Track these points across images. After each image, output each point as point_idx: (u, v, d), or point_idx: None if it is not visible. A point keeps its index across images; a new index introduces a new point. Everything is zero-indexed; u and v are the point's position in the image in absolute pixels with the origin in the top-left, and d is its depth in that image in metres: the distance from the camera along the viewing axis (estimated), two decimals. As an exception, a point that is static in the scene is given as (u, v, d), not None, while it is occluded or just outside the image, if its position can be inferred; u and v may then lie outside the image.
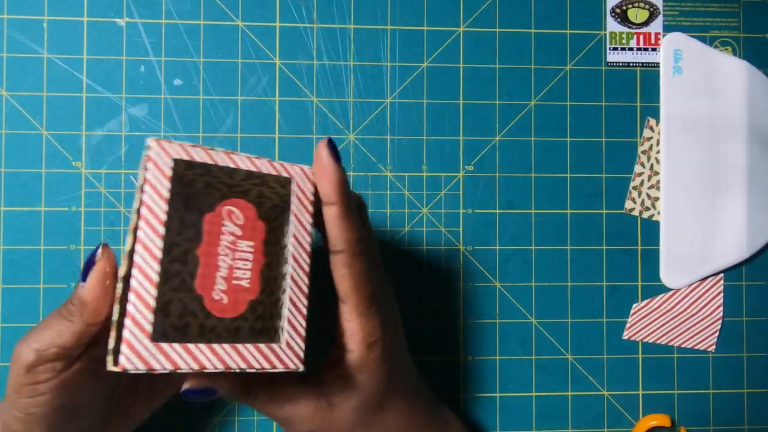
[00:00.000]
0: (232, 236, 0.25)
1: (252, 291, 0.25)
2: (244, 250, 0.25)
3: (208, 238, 0.25)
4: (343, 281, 0.27)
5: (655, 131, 0.39)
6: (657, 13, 0.40)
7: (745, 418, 0.39)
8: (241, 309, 0.25)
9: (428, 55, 0.39)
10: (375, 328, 0.28)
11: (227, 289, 0.25)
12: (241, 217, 0.25)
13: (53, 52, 0.37)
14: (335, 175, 0.26)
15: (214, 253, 0.25)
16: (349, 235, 0.26)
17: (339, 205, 0.26)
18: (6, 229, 0.36)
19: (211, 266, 0.24)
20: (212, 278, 0.24)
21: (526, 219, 0.39)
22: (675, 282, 0.39)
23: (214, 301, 0.24)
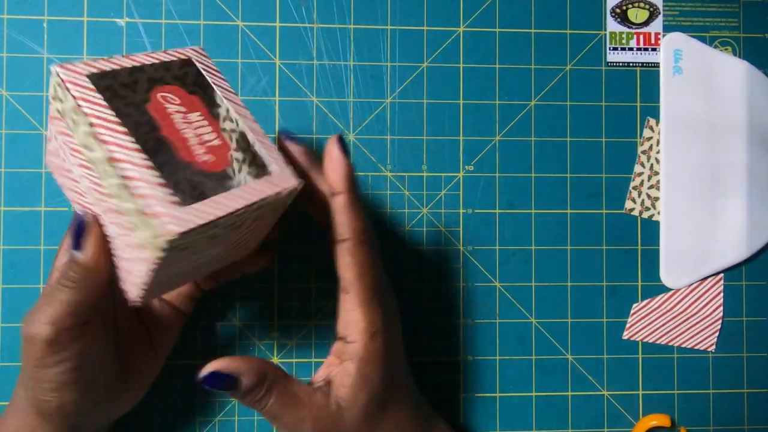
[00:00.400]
0: (179, 114, 0.26)
1: (225, 146, 0.26)
2: (197, 120, 0.26)
3: (162, 122, 0.26)
4: (347, 270, 0.27)
5: (655, 131, 0.39)
6: (657, 13, 0.40)
7: (745, 418, 0.39)
8: (227, 160, 0.26)
9: (428, 55, 0.39)
10: (377, 319, 0.28)
11: (207, 150, 0.26)
12: (175, 97, 0.27)
13: (53, 52, 0.37)
14: (344, 167, 0.27)
15: (175, 131, 0.26)
16: (355, 224, 0.27)
17: (347, 195, 0.27)
18: (6, 229, 0.36)
19: (181, 140, 0.25)
20: (188, 148, 0.25)
21: (526, 219, 0.39)
22: (675, 282, 0.39)
23: (204, 162, 0.25)
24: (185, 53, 0.28)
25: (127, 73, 0.27)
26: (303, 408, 0.27)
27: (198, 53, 0.28)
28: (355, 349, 0.28)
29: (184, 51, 0.28)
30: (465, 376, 0.38)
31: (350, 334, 0.28)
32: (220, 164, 0.26)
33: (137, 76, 0.27)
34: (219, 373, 0.26)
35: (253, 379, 0.27)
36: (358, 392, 0.28)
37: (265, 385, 0.27)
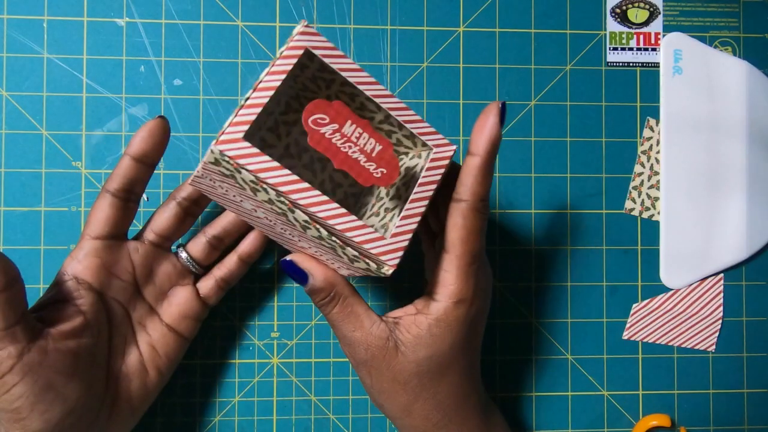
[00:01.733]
0: (336, 134, 0.25)
1: (387, 147, 0.26)
2: (354, 131, 0.25)
3: (332, 155, 0.25)
4: (454, 230, 0.27)
5: (655, 131, 0.39)
6: (657, 13, 0.40)
7: (745, 418, 0.39)
8: (396, 164, 0.26)
9: (428, 55, 0.39)
10: (469, 287, 0.28)
11: (376, 161, 0.25)
12: (323, 115, 0.25)
13: (53, 52, 0.37)
14: (493, 133, 0.26)
15: (347, 158, 0.25)
16: (477, 189, 0.27)
17: (483, 159, 0.27)
18: (6, 229, 0.36)
19: (356, 166, 0.25)
20: (364, 171, 0.25)
21: (526, 219, 0.39)
22: (675, 282, 0.39)
23: (380, 178, 0.25)
24: (299, 45, 0.25)
25: (266, 112, 0.26)
26: (361, 329, 0.28)
27: (308, 35, 0.25)
28: (436, 308, 0.28)
29: (296, 42, 0.25)
30: (465, 376, 0.38)
31: (438, 292, 0.28)
32: (392, 174, 0.25)
33: (273, 109, 0.27)
34: (294, 265, 0.28)
35: (320, 282, 0.28)
36: (420, 345, 0.28)
37: (332, 293, 0.28)
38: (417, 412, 0.29)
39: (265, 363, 0.37)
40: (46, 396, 0.26)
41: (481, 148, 0.26)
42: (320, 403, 0.37)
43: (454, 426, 0.30)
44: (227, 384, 0.37)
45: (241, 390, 0.37)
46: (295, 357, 0.37)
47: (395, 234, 0.25)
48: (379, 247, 0.25)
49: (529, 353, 0.39)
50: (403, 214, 0.26)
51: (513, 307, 0.39)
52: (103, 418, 0.30)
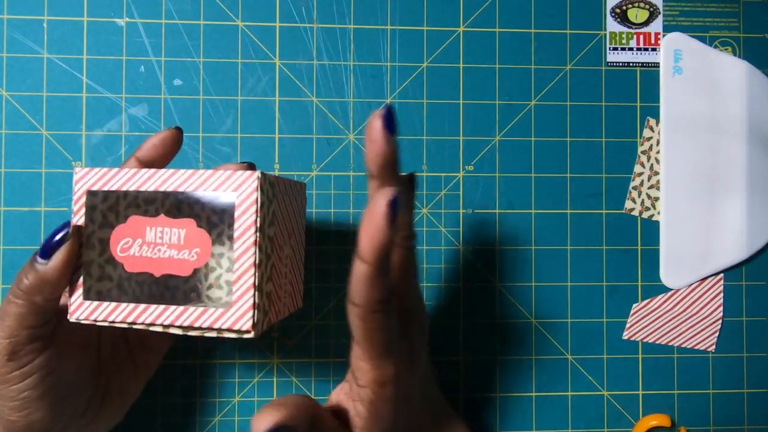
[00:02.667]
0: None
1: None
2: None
3: None
4: (356, 330, 0.25)
5: (655, 131, 0.39)
6: (657, 13, 0.40)
7: (745, 418, 0.39)
8: (209, 245, 0.26)
9: (428, 55, 0.39)
10: (389, 372, 0.26)
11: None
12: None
13: (53, 52, 0.37)
14: (380, 237, 0.22)
15: None
16: (371, 295, 0.24)
17: (371, 266, 0.23)
18: (6, 229, 0.36)
19: None
20: None
21: (526, 219, 0.39)
22: (675, 282, 0.39)
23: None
24: (81, 192, 0.27)
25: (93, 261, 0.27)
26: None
27: (83, 178, 0.27)
28: (366, 394, 0.27)
29: (79, 191, 0.27)
30: (465, 376, 0.38)
31: (360, 378, 0.26)
32: (206, 248, 0.26)
33: (95, 255, 0.27)
34: (281, 428, 0.24)
35: (306, 424, 0.25)
36: (372, 428, 0.27)
37: (310, 422, 0.26)
38: None
39: (265, 363, 0.37)
40: (54, 389, 0.27)
41: (368, 254, 0.22)
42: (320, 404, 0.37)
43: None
44: (227, 384, 0.37)
45: (241, 390, 0.37)
46: (296, 357, 0.37)
47: (235, 301, 0.25)
48: (228, 320, 0.25)
49: (529, 353, 0.39)
50: (234, 278, 0.25)
51: (513, 307, 0.39)
52: (93, 409, 0.30)
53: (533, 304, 0.39)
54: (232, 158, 0.37)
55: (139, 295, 0.26)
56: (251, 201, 0.25)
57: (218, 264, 0.26)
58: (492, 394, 0.38)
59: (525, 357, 0.39)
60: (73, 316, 0.26)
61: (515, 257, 0.39)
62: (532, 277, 0.39)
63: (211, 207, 0.27)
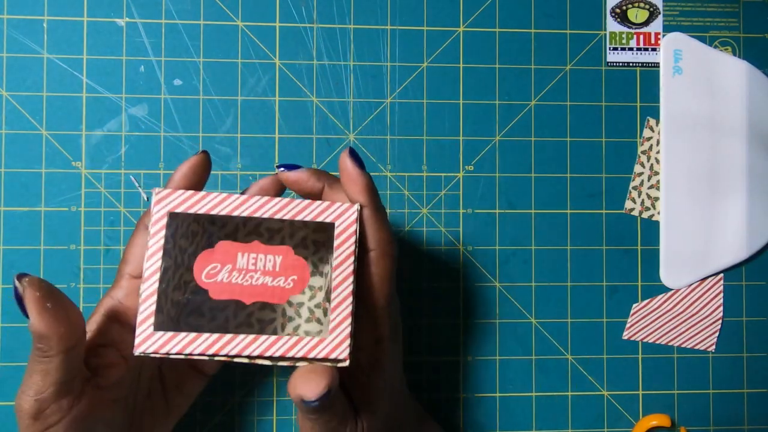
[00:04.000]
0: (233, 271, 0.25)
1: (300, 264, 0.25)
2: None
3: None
4: (366, 278, 0.27)
5: (655, 131, 0.39)
6: (657, 13, 0.40)
7: (745, 418, 0.39)
8: (307, 275, 0.25)
9: (428, 55, 0.39)
10: (385, 327, 0.28)
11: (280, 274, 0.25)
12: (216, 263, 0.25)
13: (53, 52, 0.37)
14: (362, 180, 0.27)
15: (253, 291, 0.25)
16: (379, 235, 0.27)
17: (370, 207, 0.27)
18: (6, 229, 0.36)
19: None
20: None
21: (526, 219, 0.39)
22: (675, 282, 0.39)
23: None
24: (160, 215, 0.25)
25: (170, 283, 0.26)
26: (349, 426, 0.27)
27: (165, 200, 0.25)
28: (363, 359, 0.28)
29: (157, 214, 0.25)
30: (465, 376, 0.38)
31: (359, 340, 0.28)
32: (304, 276, 0.25)
33: (176, 275, 0.27)
34: (329, 393, 0.25)
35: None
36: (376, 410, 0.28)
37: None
38: None
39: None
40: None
41: (361, 197, 0.26)
42: (320, 403, 0.37)
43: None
44: (227, 384, 0.37)
45: (241, 390, 0.37)
46: (295, 357, 0.37)
47: (333, 329, 0.24)
48: (323, 350, 0.24)
49: (529, 353, 0.39)
50: (332, 306, 0.25)
51: (513, 307, 0.39)
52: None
53: (533, 304, 0.39)
54: (232, 158, 0.37)
55: (224, 324, 0.25)
56: (351, 231, 0.25)
57: (313, 293, 0.26)
58: (492, 394, 0.38)
59: (525, 357, 0.39)
60: (138, 348, 0.24)
61: (516, 258, 0.39)
62: (532, 277, 0.39)
63: (309, 235, 0.26)
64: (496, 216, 0.39)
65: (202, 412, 0.37)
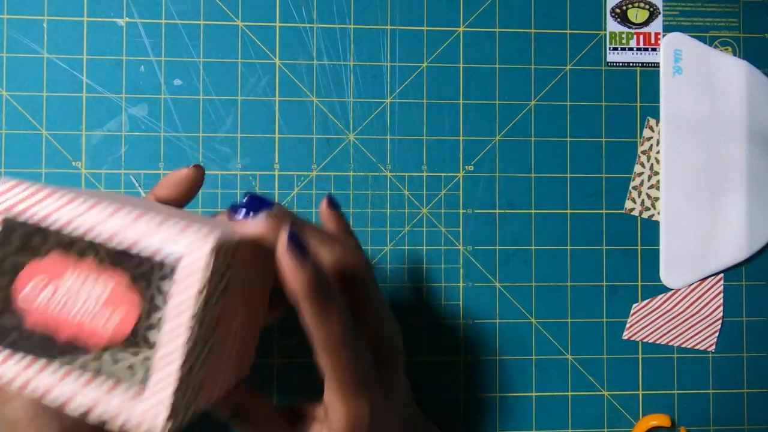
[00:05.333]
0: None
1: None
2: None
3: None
4: (326, 369, 0.24)
5: (655, 131, 0.39)
6: (657, 13, 0.40)
7: (745, 418, 0.39)
8: (134, 314, 0.20)
9: (428, 55, 0.39)
10: (364, 413, 0.25)
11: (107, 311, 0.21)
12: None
13: (53, 52, 0.37)
14: (299, 279, 0.21)
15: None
16: (327, 330, 0.23)
17: (311, 303, 0.22)
18: (6, 229, 0.36)
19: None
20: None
21: (526, 219, 0.39)
22: (675, 282, 0.39)
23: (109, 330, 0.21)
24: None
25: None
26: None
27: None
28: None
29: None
30: (465, 376, 0.38)
31: (332, 418, 0.25)
32: (130, 316, 0.20)
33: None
34: None
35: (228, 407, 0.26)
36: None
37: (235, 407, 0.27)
38: None
39: (265, 363, 0.37)
40: (45, 411, 0.25)
41: (302, 295, 0.22)
42: (320, 403, 0.37)
43: None
44: (227, 384, 0.37)
45: (241, 390, 0.37)
46: (295, 357, 0.37)
47: (150, 395, 0.19)
48: (133, 415, 0.19)
49: (529, 353, 0.39)
50: (156, 363, 0.19)
51: (513, 307, 0.39)
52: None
53: (533, 304, 0.39)
54: (232, 158, 0.37)
55: (37, 353, 0.20)
56: (197, 269, 0.19)
57: (140, 338, 0.22)
58: (492, 394, 0.38)
59: (525, 357, 0.39)
60: None
61: (516, 258, 0.39)
62: (532, 277, 0.39)
63: (150, 264, 0.22)
64: (496, 216, 0.39)
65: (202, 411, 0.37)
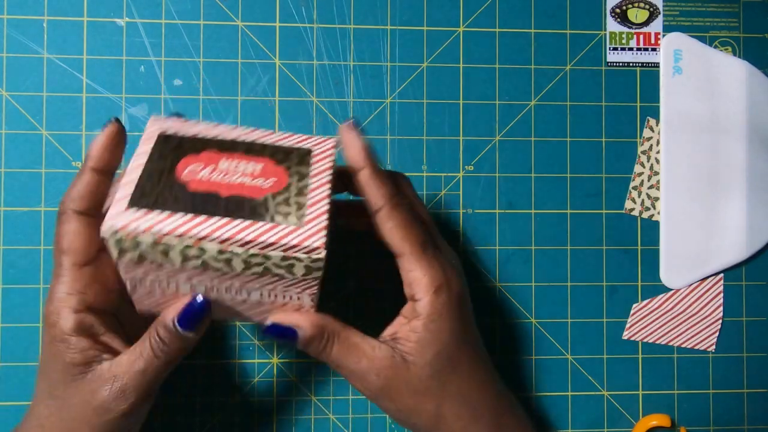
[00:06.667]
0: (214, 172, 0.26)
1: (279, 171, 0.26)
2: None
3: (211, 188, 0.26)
4: (392, 234, 0.28)
5: (655, 131, 0.39)
6: (657, 13, 0.40)
7: (745, 418, 0.39)
8: (285, 178, 0.26)
9: (428, 55, 0.39)
10: (438, 272, 0.28)
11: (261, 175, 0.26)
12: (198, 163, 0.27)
13: (53, 52, 0.37)
14: (360, 142, 0.28)
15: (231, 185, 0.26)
16: (384, 190, 0.28)
17: (368, 168, 0.28)
18: (6, 229, 0.36)
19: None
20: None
21: (526, 219, 0.39)
22: (675, 282, 0.39)
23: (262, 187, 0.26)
24: (152, 131, 0.27)
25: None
26: (365, 358, 0.28)
27: (159, 122, 0.27)
28: (422, 306, 0.28)
29: (150, 132, 0.27)
30: (465, 376, 0.38)
31: (416, 292, 0.28)
32: (282, 179, 0.26)
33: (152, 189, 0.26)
34: (278, 325, 0.27)
35: (310, 330, 0.27)
36: (425, 347, 0.28)
37: (325, 336, 0.28)
38: (447, 415, 0.29)
39: (265, 363, 0.37)
40: None
41: (360, 159, 0.28)
42: (320, 403, 0.37)
43: (485, 418, 0.30)
44: (227, 384, 0.37)
45: (241, 390, 0.37)
46: (295, 357, 0.37)
47: (309, 221, 0.25)
48: (299, 236, 0.24)
49: (529, 353, 0.39)
50: (309, 203, 0.25)
51: (513, 307, 0.39)
52: None
53: (533, 304, 0.39)
54: (232, 158, 0.37)
55: (199, 208, 0.25)
56: (329, 153, 0.28)
57: (290, 193, 0.26)
58: (492, 394, 0.38)
59: (525, 357, 0.39)
60: (106, 224, 0.23)
61: (515, 257, 0.39)
62: (532, 277, 0.39)
63: (290, 152, 0.27)
64: (496, 216, 0.39)
65: (202, 412, 0.37)
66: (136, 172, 0.25)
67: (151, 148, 0.26)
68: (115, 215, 0.24)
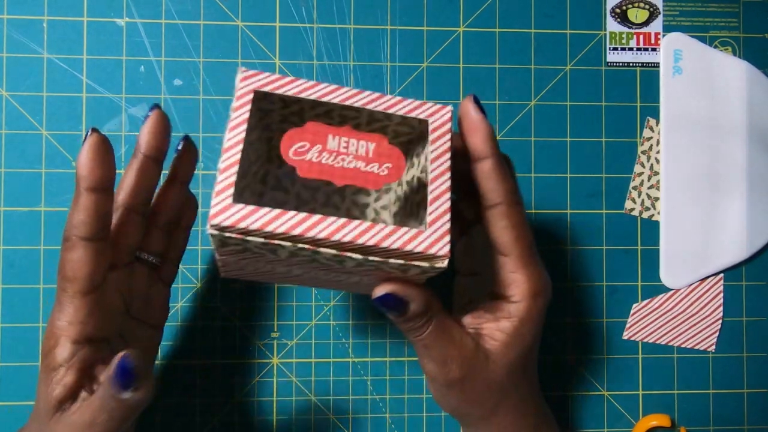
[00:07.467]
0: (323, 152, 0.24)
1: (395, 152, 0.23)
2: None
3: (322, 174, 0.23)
4: (504, 233, 0.27)
5: (655, 131, 0.39)
6: (657, 13, 0.40)
7: (745, 418, 0.39)
8: (403, 163, 0.23)
9: (428, 55, 0.39)
10: (540, 279, 0.28)
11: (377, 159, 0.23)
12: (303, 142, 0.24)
13: (53, 52, 0.37)
14: (486, 129, 0.26)
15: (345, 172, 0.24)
16: (505, 186, 0.26)
17: (492, 158, 0.26)
18: (6, 229, 0.36)
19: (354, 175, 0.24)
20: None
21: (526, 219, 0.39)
22: (675, 282, 0.39)
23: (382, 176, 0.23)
24: (245, 91, 0.24)
25: (248, 168, 0.24)
26: (453, 346, 0.27)
27: (250, 78, 0.24)
28: (517, 309, 0.28)
29: (242, 90, 0.24)
30: (465, 376, 0.38)
31: (514, 294, 0.27)
32: (399, 164, 0.23)
33: (255, 161, 0.24)
34: (393, 296, 0.25)
35: (420, 306, 0.26)
36: (510, 348, 0.28)
37: (428, 315, 0.26)
38: (503, 409, 0.29)
39: (265, 363, 0.37)
40: None
41: (485, 149, 0.26)
42: (320, 403, 0.37)
43: (531, 414, 0.30)
44: (227, 384, 0.37)
45: (241, 390, 0.37)
46: (295, 357, 0.37)
47: (432, 222, 0.23)
48: (422, 243, 0.22)
49: (529, 353, 0.39)
50: (430, 198, 0.23)
51: (513, 307, 0.39)
52: None
53: (533, 304, 0.39)
54: (232, 158, 0.37)
55: (311, 204, 0.23)
56: (446, 129, 0.24)
57: (410, 183, 0.24)
58: (492, 394, 0.38)
59: (525, 357, 0.39)
60: (214, 220, 0.21)
61: (515, 257, 0.39)
62: (532, 277, 0.39)
63: (402, 127, 0.25)
64: (496, 216, 0.39)
65: (202, 412, 0.37)
66: (235, 150, 0.22)
67: (248, 116, 0.23)
68: (221, 210, 0.21)
